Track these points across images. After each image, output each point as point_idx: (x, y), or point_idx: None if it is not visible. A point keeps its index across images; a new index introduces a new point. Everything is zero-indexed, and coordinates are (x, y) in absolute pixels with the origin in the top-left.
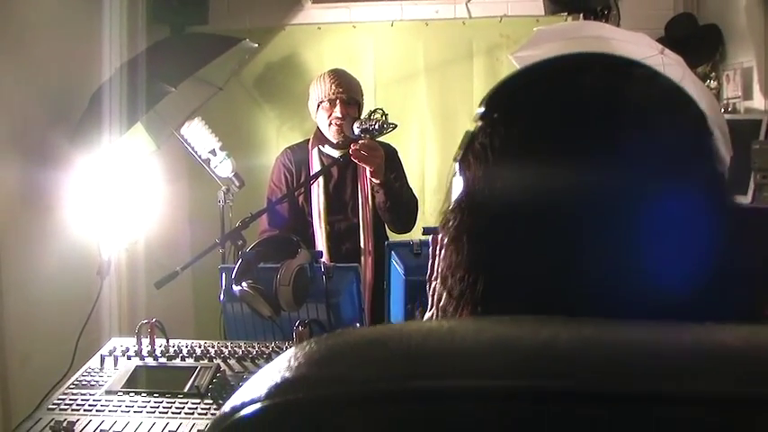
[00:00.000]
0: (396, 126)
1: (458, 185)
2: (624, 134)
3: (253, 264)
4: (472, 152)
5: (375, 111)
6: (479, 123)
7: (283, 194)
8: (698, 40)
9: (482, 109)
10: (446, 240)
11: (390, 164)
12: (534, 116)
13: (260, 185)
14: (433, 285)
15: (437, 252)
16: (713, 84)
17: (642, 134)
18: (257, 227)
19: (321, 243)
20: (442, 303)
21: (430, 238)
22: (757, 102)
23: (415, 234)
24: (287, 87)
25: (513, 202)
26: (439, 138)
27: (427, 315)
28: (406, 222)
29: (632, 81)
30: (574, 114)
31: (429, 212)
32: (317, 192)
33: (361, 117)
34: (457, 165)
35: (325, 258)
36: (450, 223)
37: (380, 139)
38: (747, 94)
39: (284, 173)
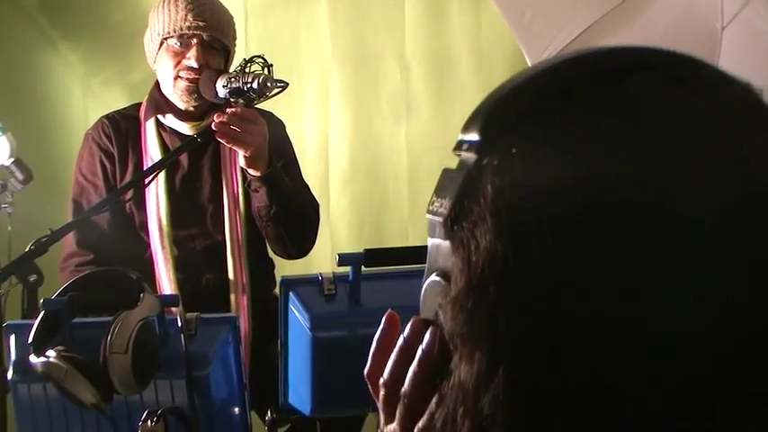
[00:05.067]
0: (285, 85)
1: (443, 251)
2: (693, 162)
3: (65, 318)
4: (483, 202)
5: (252, 60)
6: (478, 158)
7: (102, 197)
8: None
9: (474, 136)
10: (455, 338)
11: (276, 146)
12: (571, 144)
13: (59, 180)
14: (382, 393)
15: (406, 342)
16: None
17: (713, 163)
18: (60, 250)
19: (164, 274)
20: (435, 424)
21: (384, 316)
22: None
23: (322, 260)
24: (97, 15)
25: (567, 276)
26: (351, 96)
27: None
28: (300, 239)
29: (699, 90)
30: (630, 140)
31: (337, 219)
32: (156, 191)
33: (231, 70)
34: (439, 221)
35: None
36: (459, 315)
37: (261, 105)
38: None
39: (100, 159)
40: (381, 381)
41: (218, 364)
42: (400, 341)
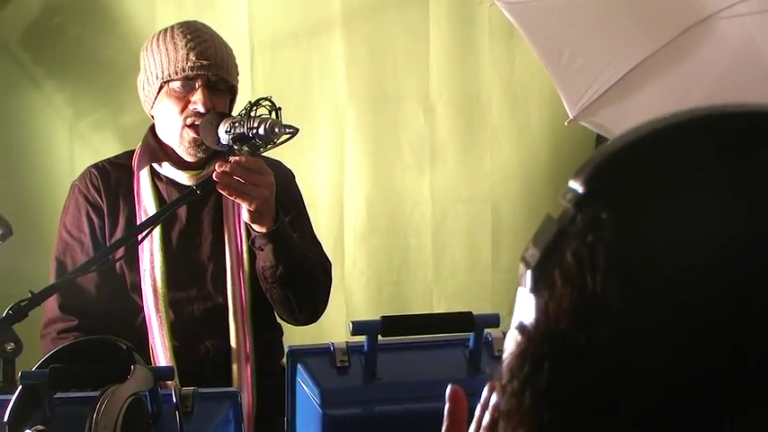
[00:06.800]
0: (295, 131)
1: (527, 305)
2: None
3: (45, 393)
4: (563, 266)
5: (258, 102)
6: (575, 213)
7: (89, 256)
8: None
9: (578, 186)
10: (501, 410)
11: (284, 198)
12: (677, 219)
13: (41, 236)
14: None
15: (481, 409)
16: None
17: None
18: (40, 315)
19: (159, 341)
20: None
21: (448, 390)
22: None
23: (335, 326)
24: (85, 51)
25: (634, 373)
26: (368, 141)
27: None
28: (310, 303)
29: None
30: (751, 218)
31: (353, 279)
32: (150, 248)
33: (235, 114)
34: (528, 274)
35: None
36: (509, 385)
37: (269, 153)
38: None
39: (87, 213)
40: None
41: None
42: (479, 407)
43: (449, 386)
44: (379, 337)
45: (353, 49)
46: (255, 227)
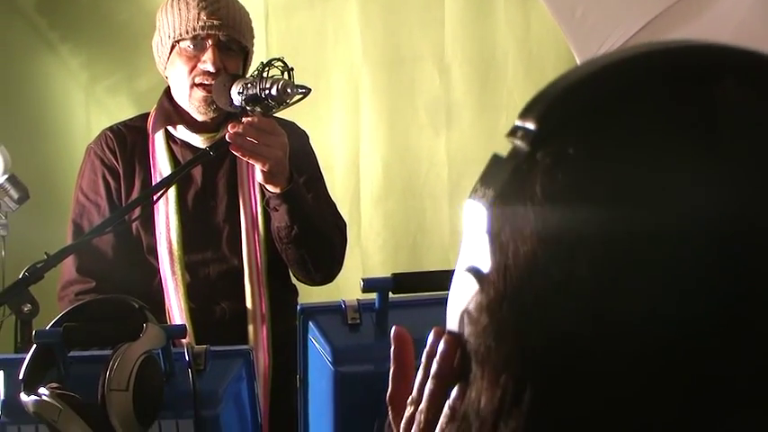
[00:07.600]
0: (308, 91)
1: (480, 244)
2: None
3: (59, 352)
4: (529, 203)
5: (270, 63)
6: (531, 150)
7: (105, 218)
8: None
9: (530, 124)
10: (479, 352)
11: (298, 159)
12: (637, 153)
13: (58, 199)
14: (408, 412)
15: (428, 356)
16: None
17: None
18: (57, 276)
19: (175, 302)
20: None
21: (392, 331)
22: None
23: (352, 287)
24: (101, 15)
25: (613, 299)
26: (384, 103)
27: None
28: (325, 263)
29: None
30: (705, 158)
31: (369, 241)
32: (166, 210)
33: (248, 75)
34: (481, 211)
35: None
36: (489, 327)
37: (281, 114)
38: None
39: (103, 176)
40: (410, 399)
41: (230, 402)
42: (424, 355)
43: (392, 328)
44: (391, 294)
45: (368, 10)
46: (269, 187)
